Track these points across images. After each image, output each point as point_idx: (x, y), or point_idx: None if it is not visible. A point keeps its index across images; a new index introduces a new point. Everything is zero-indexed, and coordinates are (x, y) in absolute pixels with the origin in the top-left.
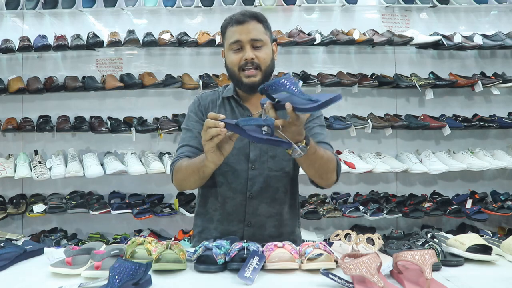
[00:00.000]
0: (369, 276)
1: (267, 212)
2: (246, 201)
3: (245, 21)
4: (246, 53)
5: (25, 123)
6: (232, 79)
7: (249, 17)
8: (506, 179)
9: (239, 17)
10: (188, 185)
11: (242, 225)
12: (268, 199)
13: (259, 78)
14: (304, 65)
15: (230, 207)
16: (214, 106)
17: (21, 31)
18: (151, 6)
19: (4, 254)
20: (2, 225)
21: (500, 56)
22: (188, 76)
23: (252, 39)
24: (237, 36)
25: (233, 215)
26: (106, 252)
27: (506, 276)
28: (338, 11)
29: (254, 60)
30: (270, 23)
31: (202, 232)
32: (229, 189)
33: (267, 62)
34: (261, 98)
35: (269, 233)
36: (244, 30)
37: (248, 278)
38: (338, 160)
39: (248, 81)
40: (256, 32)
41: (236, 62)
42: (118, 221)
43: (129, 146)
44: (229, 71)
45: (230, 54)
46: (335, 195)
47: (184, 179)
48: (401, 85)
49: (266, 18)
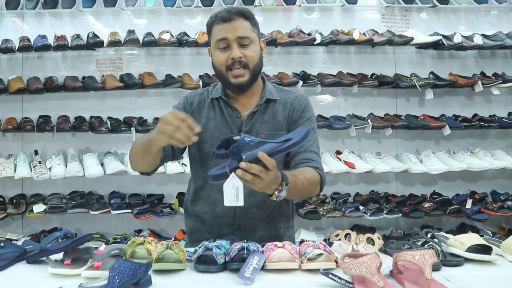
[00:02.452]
0: (369, 276)
1: (257, 216)
2: None
3: (231, 19)
4: (233, 52)
5: (25, 123)
6: (220, 79)
7: (236, 14)
8: (506, 179)
9: (225, 15)
10: (138, 162)
11: (233, 229)
12: (258, 202)
13: (247, 78)
14: (304, 65)
15: (220, 210)
16: (202, 106)
17: (21, 31)
18: (151, 6)
19: (4, 254)
20: (2, 225)
21: (500, 56)
22: (188, 76)
23: (238, 36)
24: (223, 34)
25: (223, 218)
26: (106, 252)
27: (506, 276)
28: (338, 11)
29: (241, 59)
30: (270, 23)
31: (193, 233)
32: (219, 192)
33: (255, 60)
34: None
35: (260, 236)
36: (230, 27)
37: (248, 278)
38: (321, 174)
39: (236, 81)
40: (243, 29)
41: (223, 61)
42: (118, 221)
43: (129, 146)
44: (216, 70)
45: (216, 53)
46: (335, 195)
47: (135, 155)
48: (401, 85)
49: (253, 14)
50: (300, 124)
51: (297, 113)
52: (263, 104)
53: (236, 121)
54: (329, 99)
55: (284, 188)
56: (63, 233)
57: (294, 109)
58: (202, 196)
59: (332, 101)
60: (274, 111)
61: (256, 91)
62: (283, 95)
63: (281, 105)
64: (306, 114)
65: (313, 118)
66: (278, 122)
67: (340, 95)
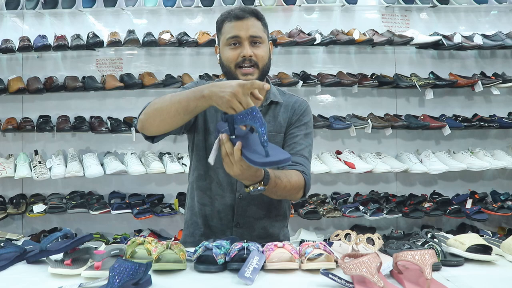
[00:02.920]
0: (369, 276)
1: (256, 214)
2: (235, 202)
3: (244, 17)
4: (244, 50)
5: (25, 123)
6: (228, 76)
7: (249, 13)
8: (506, 179)
9: (239, 13)
10: (162, 117)
11: (231, 225)
12: (257, 200)
13: (256, 77)
14: (304, 65)
15: (220, 205)
16: None
17: (21, 31)
18: (151, 6)
19: (4, 254)
20: (2, 225)
21: (500, 56)
22: (188, 76)
23: (251, 35)
24: (235, 31)
25: (222, 213)
26: (106, 252)
27: (506, 276)
28: (338, 11)
29: (252, 58)
30: (270, 23)
31: (190, 226)
32: (219, 186)
33: (264, 60)
34: (220, 122)
35: (258, 234)
36: (243, 26)
37: (248, 278)
38: (306, 180)
39: (245, 79)
40: (255, 29)
41: (233, 58)
42: (118, 221)
43: (129, 146)
44: (224, 68)
45: (226, 50)
46: (335, 195)
47: (162, 108)
48: (401, 85)
49: (264, 16)
50: (296, 127)
51: (296, 116)
52: (266, 106)
53: None
54: (329, 99)
55: (260, 188)
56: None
57: (294, 112)
58: (201, 187)
59: (332, 101)
60: (276, 113)
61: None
62: (285, 98)
63: (283, 107)
64: (304, 119)
65: (310, 123)
66: (279, 123)
67: (340, 95)
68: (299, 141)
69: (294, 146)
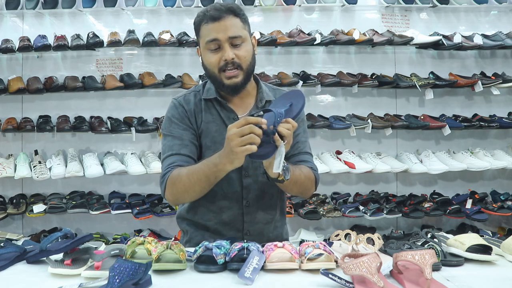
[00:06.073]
0: (369, 276)
1: (264, 219)
2: (243, 210)
3: (221, 17)
4: (226, 53)
5: (25, 123)
6: (212, 81)
7: (225, 11)
8: (506, 179)
9: (214, 13)
10: (190, 196)
11: (241, 234)
12: (264, 205)
13: (241, 78)
14: (304, 65)
15: (227, 217)
16: (199, 110)
17: (21, 31)
18: (151, 6)
19: (4, 254)
20: (2, 225)
21: (500, 56)
22: (188, 76)
23: (230, 37)
24: (213, 34)
25: (230, 224)
26: (106, 252)
27: (506, 276)
28: (338, 11)
29: (234, 60)
30: (270, 23)
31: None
32: (224, 198)
33: (248, 60)
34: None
35: (268, 239)
36: (220, 27)
37: (248, 278)
38: (315, 175)
39: (230, 82)
40: (234, 28)
41: (215, 63)
42: (118, 221)
43: (129, 146)
44: (208, 72)
45: (207, 54)
46: (335, 195)
47: (187, 190)
48: (401, 85)
49: (242, 9)
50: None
51: None
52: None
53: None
54: (329, 99)
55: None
56: (63, 233)
57: None
58: (202, 204)
59: (332, 101)
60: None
61: (250, 91)
62: (275, 94)
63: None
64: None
65: (304, 119)
66: None
67: (340, 95)
68: (302, 140)
69: (297, 146)
